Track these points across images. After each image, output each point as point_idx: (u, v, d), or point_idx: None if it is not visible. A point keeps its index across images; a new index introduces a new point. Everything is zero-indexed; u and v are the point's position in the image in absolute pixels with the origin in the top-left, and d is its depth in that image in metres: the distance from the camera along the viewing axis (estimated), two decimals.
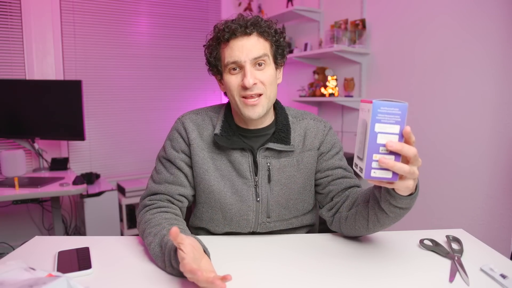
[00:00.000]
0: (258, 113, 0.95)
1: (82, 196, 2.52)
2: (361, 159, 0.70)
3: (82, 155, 3.02)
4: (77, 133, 2.53)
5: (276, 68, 1.01)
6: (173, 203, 1.02)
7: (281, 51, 1.01)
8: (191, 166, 1.03)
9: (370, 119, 0.66)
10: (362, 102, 0.72)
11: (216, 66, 1.00)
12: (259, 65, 0.95)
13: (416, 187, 0.76)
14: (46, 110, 2.54)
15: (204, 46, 1.03)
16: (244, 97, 0.94)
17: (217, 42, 0.98)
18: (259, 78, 0.94)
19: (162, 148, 1.07)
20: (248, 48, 0.93)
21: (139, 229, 0.97)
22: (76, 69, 2.94)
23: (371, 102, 0.66)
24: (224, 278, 0.66)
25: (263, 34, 0.96)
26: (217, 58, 0.99)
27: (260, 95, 0.95)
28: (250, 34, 0.94)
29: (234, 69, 0.95)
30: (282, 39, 1.00)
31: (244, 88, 0.93)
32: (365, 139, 0.68)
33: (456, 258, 0.86)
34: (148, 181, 1.05)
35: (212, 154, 1.02)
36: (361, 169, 0.69)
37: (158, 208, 0.98)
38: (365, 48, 2.45)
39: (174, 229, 0.69)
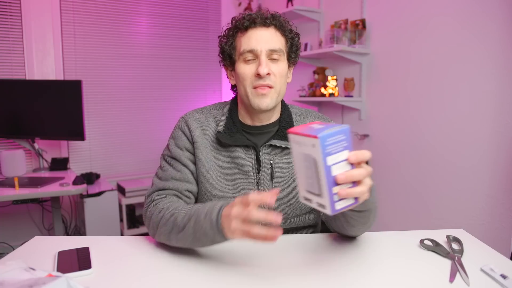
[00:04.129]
0: (267, 103, 0.96)
1: (82, 196, 2.52)
2: (317, 195, 0.66)
3: (82, 155, 3.02)
4: (77, 133, 2.53)
5: (288, 67, 1.02)
6: (181, 199, 1.00)
7: (295, 49, 1.02)
8: (195, 164, 1.03)
9: (320, 155, 0.62)
10: (296, 134, 0.65)
11: (230, 55, 1.01)
12: (274, 58, 0.96)
13: (372, 191, 0.77)
14: (46, 110, 2.54)
15: (219, 36, 1.04)
16: (256, 88, 0.95)
17: (235, 31, 0.99)
18: (272, 70, 0.95)
19: (166, 147, 1.07)
20: (266, 39, 0.95)
21: (151, 222, 0.93)
22: (76, 69, 2.94)
23: (314, 136, 0.61)
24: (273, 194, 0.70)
25: (280, 28, 0.98)
26: (233, 47, 1.00)
27: (270, 87, 0.96)
28: (268, 25, 0.97)
29: (249, 59, 0.96)
30: (297, 39, 1.03)
31: (258, 77, 0.94)
32: (317, 174, 0.64)
33: (456, 258, 0.86)
34: (153, 180, 1.04)
35: (215, 152, 1.02)
36: (321, 205, 0.66)
37: (169, 198, 0.96)
38: (365, 48, 2.45)
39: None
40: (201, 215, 0.81)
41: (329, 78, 2.61)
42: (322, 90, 2.64)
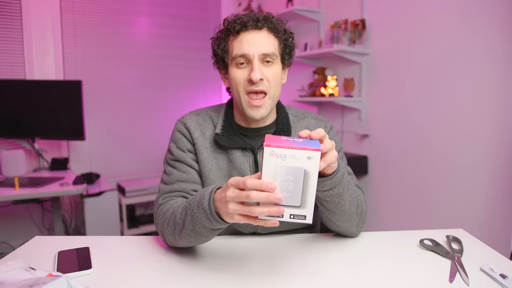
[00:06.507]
0: (261, 114, 0.95)
1: (82, 196, 2.52)
2: (297, 207, 0.66)
3: (82, 155, 3.02)
4: (77, 133, 2.53)
5: (282, 68, 1.01)
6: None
7: (288, 50, 1.00)
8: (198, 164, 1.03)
9: (317, 167, 0.64)
10: (282, 147, 0.63)
11: (223, 59, 0.99)
12: (267, 62, 0.94)
13: (338, 170, 0.79)
14: (46, 110, 2.54)
15: (211, 38, 1.02)
16: (249, 93, 0.94)
17: (226, 34, 0.97)
18: (265, 75, 0.94)
19: (168, 151, 1.05)
20: (258, 42, 0.93)
21: (158, 227, 0.92)
22: (76, 69, 2.94)
23: (316, 149, 0.63)
24: None
25: (273, 30, 0.96)
26: (225, 50, 0.98)
27: (264, 94, 0.94)
28: (261, 28, 0.94)
29: (242, 63, 0.94)
30: (290, 39, 1.00)
31: (250, 82, 0.93)
32: (304, 186, 0.65)
33: (456, 258, 0.86)
34: (159, 186, 1.02)
35: (214, 153, 1.02)
36: (302, 217, 0.66)
37: (175, 199, 0.95)
38: (365, 48, 2.45)
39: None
40: (194, 206, 0.79)
41: (329, 78, 2.61)
42: (322, 90, 2.64)
